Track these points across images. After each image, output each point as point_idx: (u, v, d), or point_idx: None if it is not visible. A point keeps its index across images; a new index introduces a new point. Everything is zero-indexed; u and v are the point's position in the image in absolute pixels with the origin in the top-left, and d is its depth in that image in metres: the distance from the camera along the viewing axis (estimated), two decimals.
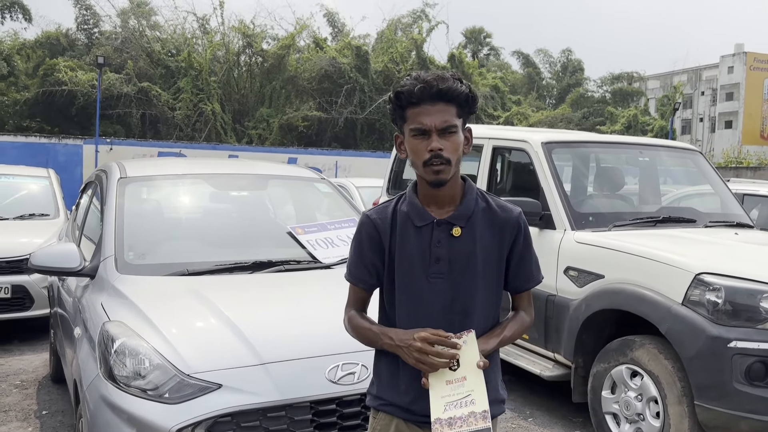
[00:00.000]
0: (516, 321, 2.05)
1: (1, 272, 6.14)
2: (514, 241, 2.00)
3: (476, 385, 1.81)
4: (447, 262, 1.93)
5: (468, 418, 1.78)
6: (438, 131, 1.86)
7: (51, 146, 15.02)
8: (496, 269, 1.99)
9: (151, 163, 4.82)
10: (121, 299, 3.22)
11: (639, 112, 34.26)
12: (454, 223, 1.94)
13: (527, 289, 2.07)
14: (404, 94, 1.88)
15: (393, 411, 2.00)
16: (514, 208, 2.02)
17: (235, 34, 26.61)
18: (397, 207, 2.01)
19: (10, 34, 27.20)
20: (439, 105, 1.87)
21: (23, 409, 4.75)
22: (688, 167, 6.03)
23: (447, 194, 1.95)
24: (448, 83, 1.87)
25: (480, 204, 1.98)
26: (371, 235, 2.00)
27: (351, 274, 2.07)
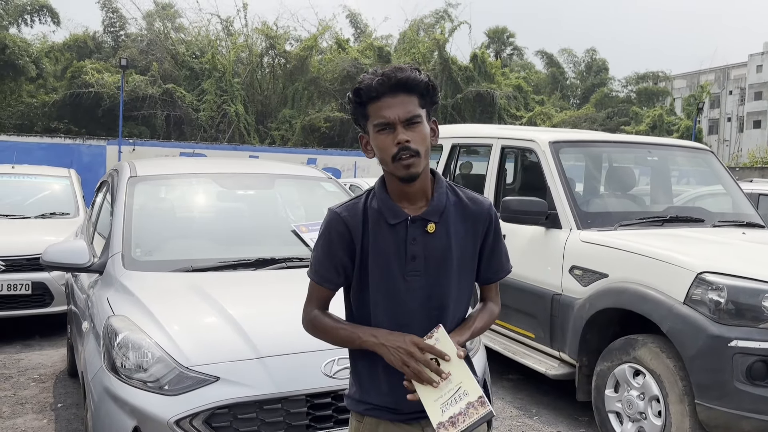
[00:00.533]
0: (486, 312, 2.04)
1: (21, 269, 6.30)
2: (486, 233, 1.98)
3: (463, 376, 1.79)
4: (423, 259, 1.89)
5: (467, 410, 1.75)
6: (402, 123, 1.81)
7: (75, 147, 15.31)
8: (470, 263, 1.97)
9: (161, 163, 4.93)
10: (126, 294, 3.32)
11: (664, 112, 33.91)
12: (429, 219, 1.89)
13: (498, 279, 2.06)
14: (363, 89, 1.84)
15: (379, 414, 1.96)
16: (485, 200, 2.00)
17: (259, 35, 26.89)
18: (367, 203, 1.94)
19: (39, 37, 27.85)
20: (400, 96, 1.82)
21: (39, 401, 4.89)
22: (699, 167, 5.99)
23: (418, 189, 1.90)
24: (406, 73, 1.83)
25: (450, 197, 1.95)
26: (341, 233, 1.92)
27: (317, 273, 1.98)
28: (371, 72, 1.87)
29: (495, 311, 2.07)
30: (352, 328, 1.94)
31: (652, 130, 31.67)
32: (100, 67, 24.15)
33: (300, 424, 2.83)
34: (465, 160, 6.69)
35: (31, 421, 4.53)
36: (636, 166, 5.87)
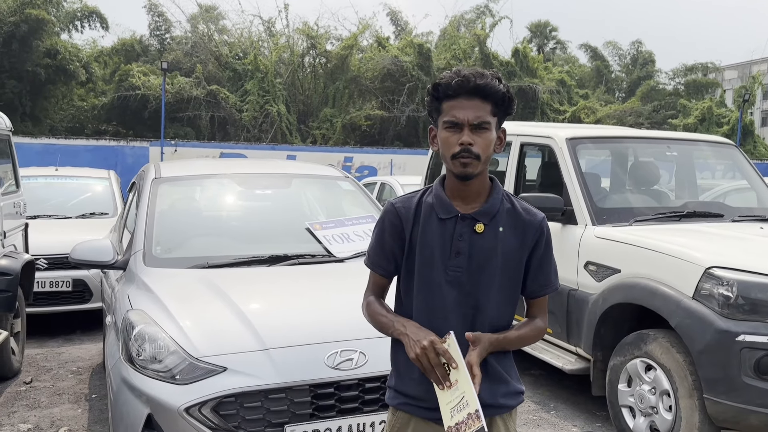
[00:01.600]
0: (528, 325, 2.05)
1: (62, 267, 6.60)
2: (536, 244, 2.00)
3: (465, 387, 1.82)
4: (467, 257, 1.95)
5: (467, 421, 1.79)
6: (470, 126, 1.88)
7: (120, 149, 15.80)
8: (514, 270, 2.00)
9: (185, 164, 5.13)
10: (144, 290, 3.50)
11: (714, 105, 33.07)
12: (478, 219, 1.96)
13: (543, 294, 2.07)
14: (441, 86, 1.92)
15: (411, 410, 2.03)
16: (538, 213, 2.03)
17: (300, 35, 27.16)
18: (422, 198, 2.04)
19: (89, 42, 28.67)
20: (475, 101, 1.89)
21: (75, 392, 5.14)
22: (723, 161, 5.93)
23: (473, 190, 1.97)
24: (486, 80, 1.89)
25: (505, 204, 2.00)
26: (394, 223, 2.03)
27: (370, 259, 2.12)
28: (454, 71, 1.94)
29: (540, 327, 2.07)
30: (391, 317, 2.04)
31: (700, 123, 30.93)
32: (146, 70, 24.76)
33: (304, 413, 2.95)
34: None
35: (66, 410, 4.78)
36: (659, 162, 5.84)
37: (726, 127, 30.20)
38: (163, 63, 17.61)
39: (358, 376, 3.04)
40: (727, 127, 29.96)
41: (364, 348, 3.11)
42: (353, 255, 3.97)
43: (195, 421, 2.85)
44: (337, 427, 2.97)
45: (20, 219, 6.09)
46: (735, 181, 6.41)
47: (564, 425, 4.65)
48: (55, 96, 24.85)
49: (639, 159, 5.55)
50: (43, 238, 6.71)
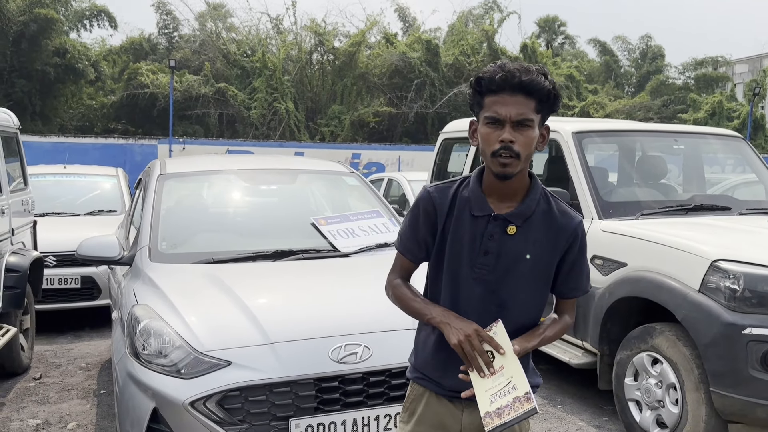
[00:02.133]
0: (558, 323, 2.06)
1: (71, 264, 6.64)
2: (569, 248, 1.99)
3: (514, 371, 1.85)
4: (495, 257, 1.94)
5: (513, 404, 1.82)
6: (512, 123, 1.84)
7: (128, 147, 15.88)
8: (544, 273, 1.99)
9: (191, 161, 5.14)
10: (150, 285, 3.52)
11: (724, 99, 32.86)
12: (511, 221, 1.93)
13: (573, 297, 2.08)
14: (485, 80, 1.86)
15: (426, 384, 2.08)
16: (576, 216, 2.02)
17: (308, 33, 27.19)
18: (458, 190, 2.01)
19: (97, 41, 28.82)
20: (519, 97, 1.83)
21: (84, 388, 5.18)
22: (732, 155, 5.90)
23: (510, 188, 1.94)
24: (531, 76, 1.83)
25: (542, 205, 1.97)
26: (428, 210, 2.01)
27: (401, 243, 2.11)
28: (498, 65, 1.88)
29: (568, 324, 2.10)
30: (426, 304, 2.03)
31: (711, 118, 30.76)
32: (155, 68, 24.85)
33: (308, 406, 2.97)
34: None
35: (75, 406, 4.81)
36: (666, 155, 5.81)
37: (737, 121, 30.02)
38: (171, 61, 17.69)
39: (363, 369, 3.05)
40: (738, 122, 29.77)
41: (368, 342, 3.12)
42: (358, 250, 3.98)
43: (200, 415, 2.87)
44: (342, 421, 2.98)
45: (29, 216, 6.14)
46: (744, 175, 6.37)
47: (571, 419, 4.64)
48: (65, 95, 24.98)
49: (646, 153, 5.52)
50: (52, 235, 6.75)
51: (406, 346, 3.15)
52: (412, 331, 3.19)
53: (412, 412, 2.12)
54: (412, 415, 2.12)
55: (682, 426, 3.85)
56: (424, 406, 2.09)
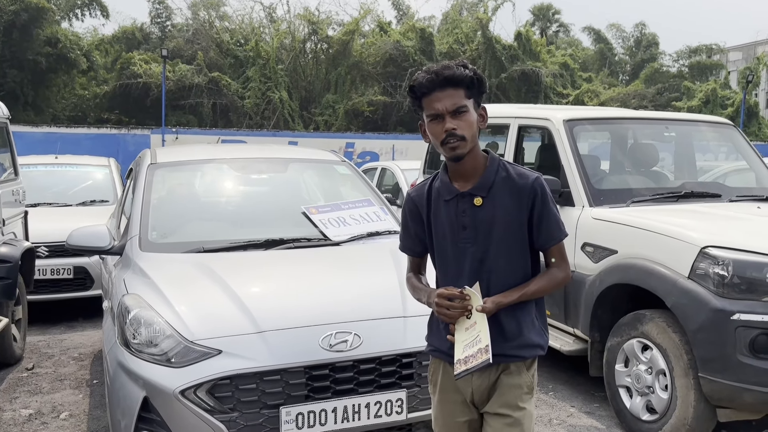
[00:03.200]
0: (543, 277, 2.25)
1: (63, 254, 6.62)
2: (533, 203, 2.19)
3: (482, 327, 2.09)
4: (473, 229, 2.20)
5: (476, 354, 2.06)
6: (450, 113, 2.11)
7: (121, 136, 15.81)
8: (518, 232, 2.20)
9: (182, 150, 5.13)
10: (140, 274, 3.52)
11: (718, 86, 32.87)
12: (475, 194, 2.19)
13: (550, 246, 2.25)
14: (416, 86, 2.16)
15: (439, 356, 2.33)
16: (531, 174, 2.22)
17: (301, 21, 27.08)
18: (432, 184, 2.31)
19: (89, 31, 28.65)
20: (448, 90, 2.12)
21: (77, 378, 5.18)
22: (723, 142, 5.91)
23: (469, 168, 2.20)
24: (452, 70, 2.12)
25: (500, 174, 2.20)
26: (412, 210, 2.35)
27: (401, 243, 2.46)
28: (424, 70, 2.17)
29: (557, 276, 2.26)
30: (423, 289, 2.36)
31: (705, 106, 30.77)
32: (147, 57, 24.73)
33: (299, 394, 2.98)
34: (489, 141, 6.73)
35: (67, 396, 4.82)
36: (658, 143, 5.81)
37: (730, 109, 30.04)
38: (164, 50, 17.59)
39: (353, 357, 3.07)
40: (732, 109, 29.80)
41: (358, 330, 3.13)
42: (349, 239, 3.98)
43: (191, 404, 2.88)
44: (333, 408, 3.00)
45: (19, 207, 6.11)
46: (736, 162, 6.38)
47: (562, 406, 4.67)
48: (57, 85, 24.83)
49: (638, 140, 5.53)
50: (44, 225, 6.73)
51: (396, 334, 3.20)
52: (401, 319, 3.25)
53: (435, 383, 2.38)
54: (435, 385, 2.38)
55: (672, 411, 3.88)
56: (442, 376, 2.34)
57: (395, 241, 4.09)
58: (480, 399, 2.28)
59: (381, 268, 3.70)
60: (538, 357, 2.29)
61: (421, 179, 7.34)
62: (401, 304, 3.32)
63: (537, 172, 2.24)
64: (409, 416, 3.12)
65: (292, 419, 2.94)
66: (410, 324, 3.23)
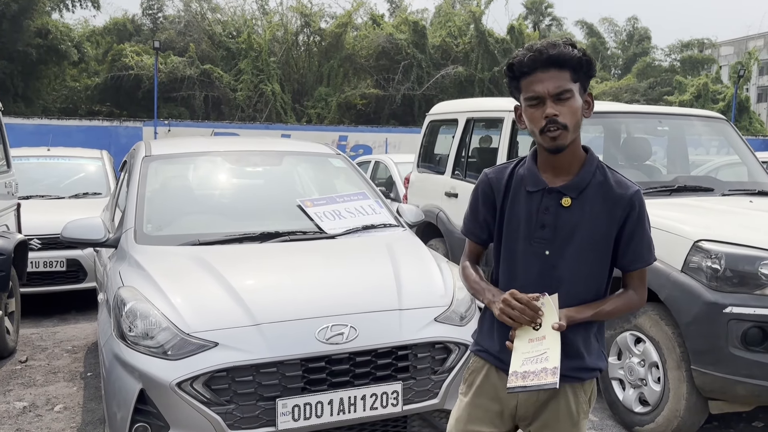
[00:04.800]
0: (620, 298, 2.04)
1: (56, 247, 6.60)
2: (626, 219, 1.98)
3: (552, 344, 1.88)
4: (552, 230, 1.97)
5: (540, 373, 1.85)
6: (552, 97, 1.88)
7: (113, 129, 15.75)
8: (603, 245, 1.99)
9: (176, 143, 5.13)
10: (136, 267, 3.51)
11: (710, 81, 33.02)
12: (565, 193, 1.97)
13: (634, 269, 2.04)
14: (516, 65, 1.92)
15: (486, 357, 2.13)
16: (632, 186, 2.00)
17: (294, 13, 27.01)
18: (515, 169, 2.06)
19: (80, 22, 28.47)
20: (552, 71, 1.88)
21: (71, 371, 5.18)
22: (715, 136, 5.94)
23: (565, 162, 1.97)
24: (558, 49, 1.88)
25: (597, 177, 1.98)
26: (486, 192, 2.09)
27: (464, 227, 2.19)
28: (526, 47, 1.94)
29: (633, 300, 2.06)
30: (484, 285, 2.10)
31: (696, 100, 30.94)
32: (139, 49, 24.62)
33: (295, 386, 2.99)
34: (483, 134, 6.74)
35: (62, 388, 4.82)
36: (651, 137, 5.84)
37: (722, 103, 30.21)
38: (156, 42, 17.51)
39: (349, 350, 3.08)
40: (723, 104, 29.97)
41: (354, 322, 3.14)
42: (344, 232, 3.99)
43: (187, 396, 2.89)
44: (329, 401, 3.01)
45: (12, 199, 6.09)
46: (728, 157, 6.42)
47: None
48: (47, 76, 24.70)
49: (631, 134, 5.55)
50: (36, 218, 6.70)
51: (392, 326, 3.21)
52: (396, 312, 3.27)
53: (471, 384, 2.17)
54: (470, 387, 2.17)
55: (664, 403, 3.91)
56: (483, 378, 2.14)
57: (391, 234, 4.16)
58: (524, 415, 2.09)
59: (377, 261, 3.72)
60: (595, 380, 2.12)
61: (414, 173, 7.40)
62: (397, 297, 3.34)
63: (637, 185, 2.02)
64: (405, 408, 3.13)
65: (288, 411, 2.95)
66: (406, 317, 3.25)
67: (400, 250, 3.88)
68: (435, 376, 3.20)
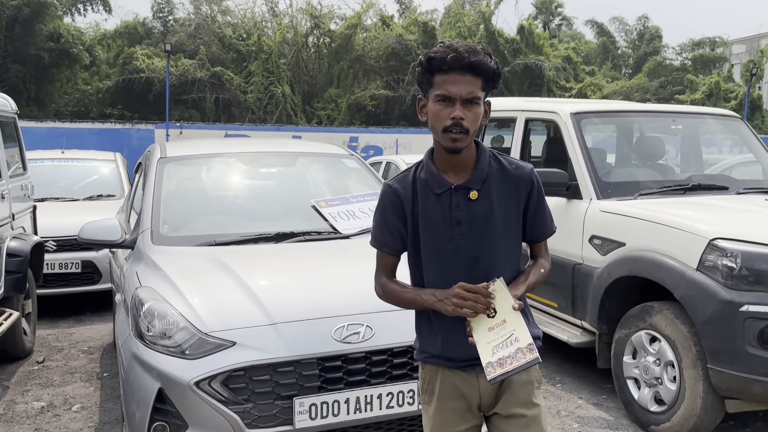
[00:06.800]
0: (537, 268, 2.17)
1: (71, 249, 6.66)
2: (529, 196, 2.10)
3: (517, 325, 1.94)
4: (468, 224, 2.05)
5: (516, 355, 1.90)
6: (462, 101, 1.95)
7: (125, 131, 15.85)
8: (515, 225, 2.11)
9: (190, 144, 5.16)
10: (153, 267, 3.55)
11: (721, 80, 32.79)
12: (471, 187, 2.05)
13: (543, 239, 2.20)
14: (436, 60, 1.96)
15: (437, 362, 2.16)
16: (526, 165, 2.13)
17: (303, 15, 27.01)
18: (416, 175, 2.12)
19: (92, 26, 28.57)
20: (467, 76, 1.94)
21: (87, 371, 5.22)
22: (729, 135, 5.92)
23: (462, 160, 2.05)
24: (479, 57, 1.94)
25: (493, 165, 2.09)
26: (394, 203, 2.12)
27: (376, 240, 2.20)
28: (447, 45, 1.97)
29: (546, 267, 2.19)
30: (416, 291, 2.13)
31: (708, 99, 30.72)
32: (150, 52, 24.72)
33: (312, 385, 3.01)
34: (495, 134, 6.75)
35: (79, 388, 4.86)
36: (665, 136, 5.83)
37: (734, 102, 29.98)
38: (167, 45, 17.58)
39: (365, 349, 3.09)
40: (735, 102, 29.74)
41: (370, 322, 3.15)
42: (359, 231, 4.00)
43: (205, 395, 2.91)
44: (345, 399, 3.02)
45: (28, 201, 6.14)
46: (742, 155, 6.39)
47: (570, 398, 4.69)
48: (60, 80, 24.83)
49: (644, 133, 5.54)
50: (52, 220, 6.76)
51: (407, 325, 3.18)
52: (412, 311, 3.27)
53: (431, 392, 2.20)
54: (432, 395, 2.20)
55: (680, 402, 3.90)
56: (441, 383, 2.17)
57: None
58: (487, 402, 2.16)
59: None
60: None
61: None
62: None
63: (529, 164, 2.15)
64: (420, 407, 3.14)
65: (305, 410, 2.97)
66: None
67: None
68: None
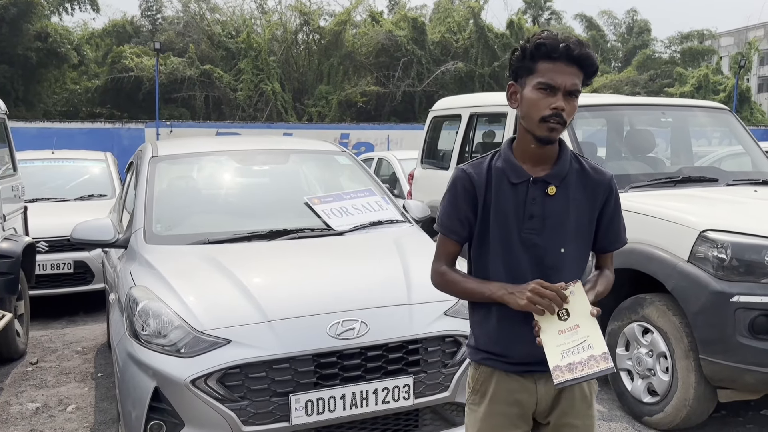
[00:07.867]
0: (604, 278, 2.11)
1: (63, 249, 6.64)
2: (605, 203, 2.05)
3: (591, 331, 1.86)
4: (540, 220, 1.99)
5: (588, 362, 1.82)
6: (565, 92, 1.90)
7: (115, 131, 15.78)
8: (586, 229, 2.05)
9: (182, 143, 5.16)
10: (147, 267, 3.54)
11: (710, 72, 32.95)
12: (550, 182, 2.00)
13: (614, 249, 2.13)
14: (546, 46, 1.90)
15: (493, 364, 2.07)
16: (607, 172, 2.08)
17: (293, 12, 26.99)
18: (492, 163, 2.05)
19: (79, 25, 28.57)
20: (574, 68, 1.90)
21: (81, 371, 5.21)
22: (718, 127, 5.96)
23: (546, 153, 2.00)
24: (588, 51, 1.92)
25: (574, 165, 2.04)
26: (467, 188, 2.04)
27: (443, 225, 2.10)
28: (554, 34, 1.94)
29: (611, 278, 2.14)
30: (480, 282, 2.04)
31: (697, 91, 30.88)
32: (139, 51, 24.64)
33: (308, 382, 3.01)
34: (486, 129, 6.77)
35: (73, 389, 4.85)
36: (654, 129, 5.86)
37: (722, 94, 30.15)
38: (156, 43, 17.50)
39: (360, 344, 3.10)
40: (724, 95, 29.91)
41: (365, 317, 3.16)
42: (352, 228, 4.02)
43: (201, 393, 2.91)
44: (341, 395, 3.03)
45: (19, 202, 6.12)
46: (731, 147, 6.44)
47: None
48: (48, 80, 24.73)
49: (634, 126, 5.57)
50: (43, 221, 6.73)
51: (402, 321, 3.24)
52: (406, 307, 3.29)
53: (483, 393, 2.11)
54: (483, 396, 2.11)
55: (673, 393, 3.94)
56: (495, 386, 2.08)
57: (398, 230, 4.18)
58: (543, 409, 2.08)
59: (385, 257, 3.74)
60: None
61: (418, 169, 7.42)
62: (406, 292, 3.36)
63: (610, 171, 2.09)
64: (416, 402, 3.15)
65: (301, 406, 2.98)
66: (416, 311, 3.27)
67: (408, 245, 3.90)
68: (445, 370, 3.22)
